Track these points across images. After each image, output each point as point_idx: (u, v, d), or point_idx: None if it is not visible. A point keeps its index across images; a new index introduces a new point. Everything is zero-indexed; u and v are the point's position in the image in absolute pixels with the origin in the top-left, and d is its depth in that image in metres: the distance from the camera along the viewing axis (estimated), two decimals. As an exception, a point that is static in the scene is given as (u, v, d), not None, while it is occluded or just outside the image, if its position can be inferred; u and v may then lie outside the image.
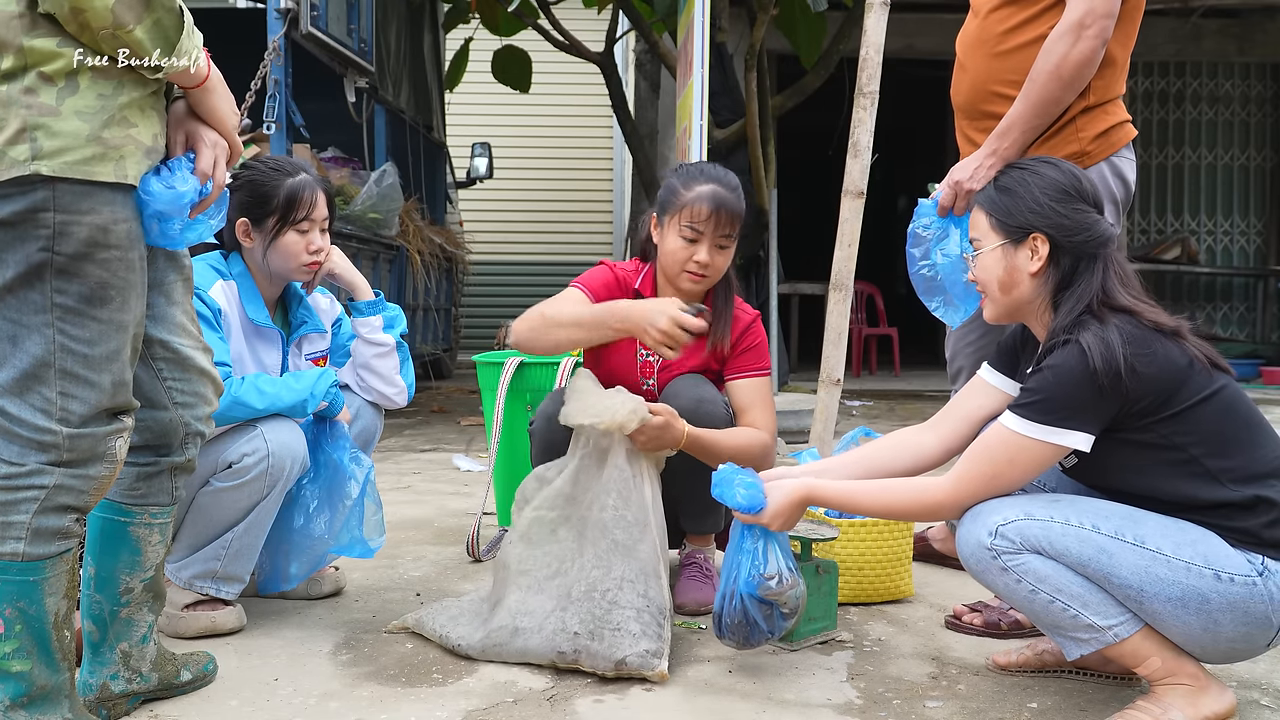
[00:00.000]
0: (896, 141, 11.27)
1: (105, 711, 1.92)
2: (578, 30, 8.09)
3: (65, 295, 1.62)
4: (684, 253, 2.48)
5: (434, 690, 2.09)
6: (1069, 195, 2.00)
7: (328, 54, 5.49)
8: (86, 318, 1.64)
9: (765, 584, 2.10)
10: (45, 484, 1.65)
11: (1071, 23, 2.31)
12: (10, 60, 1.56)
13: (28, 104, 1.55)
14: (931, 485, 1.99)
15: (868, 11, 3.24)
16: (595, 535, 2.24)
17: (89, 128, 1.59)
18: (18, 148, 1.55)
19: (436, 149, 8.57)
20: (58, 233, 1.59)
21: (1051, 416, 1.86)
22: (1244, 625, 1.82)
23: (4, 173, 1.55)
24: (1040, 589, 1.88)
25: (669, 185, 2.55)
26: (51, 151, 1.56)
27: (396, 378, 2.66)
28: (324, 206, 2.51)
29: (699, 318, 2.29)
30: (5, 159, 1.55)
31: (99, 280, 1.63)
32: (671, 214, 2.50)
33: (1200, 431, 1.87)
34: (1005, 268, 2.03)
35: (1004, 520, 1.89)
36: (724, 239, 2.49)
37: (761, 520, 2.07)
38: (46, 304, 1.62)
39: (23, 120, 1.55)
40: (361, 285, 2.62)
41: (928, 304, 2.57)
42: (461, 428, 6.01)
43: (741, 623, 2.13)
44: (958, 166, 2.46)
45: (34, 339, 1.63)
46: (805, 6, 6.91)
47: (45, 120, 1.56)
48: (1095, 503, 1.93)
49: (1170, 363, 1.86)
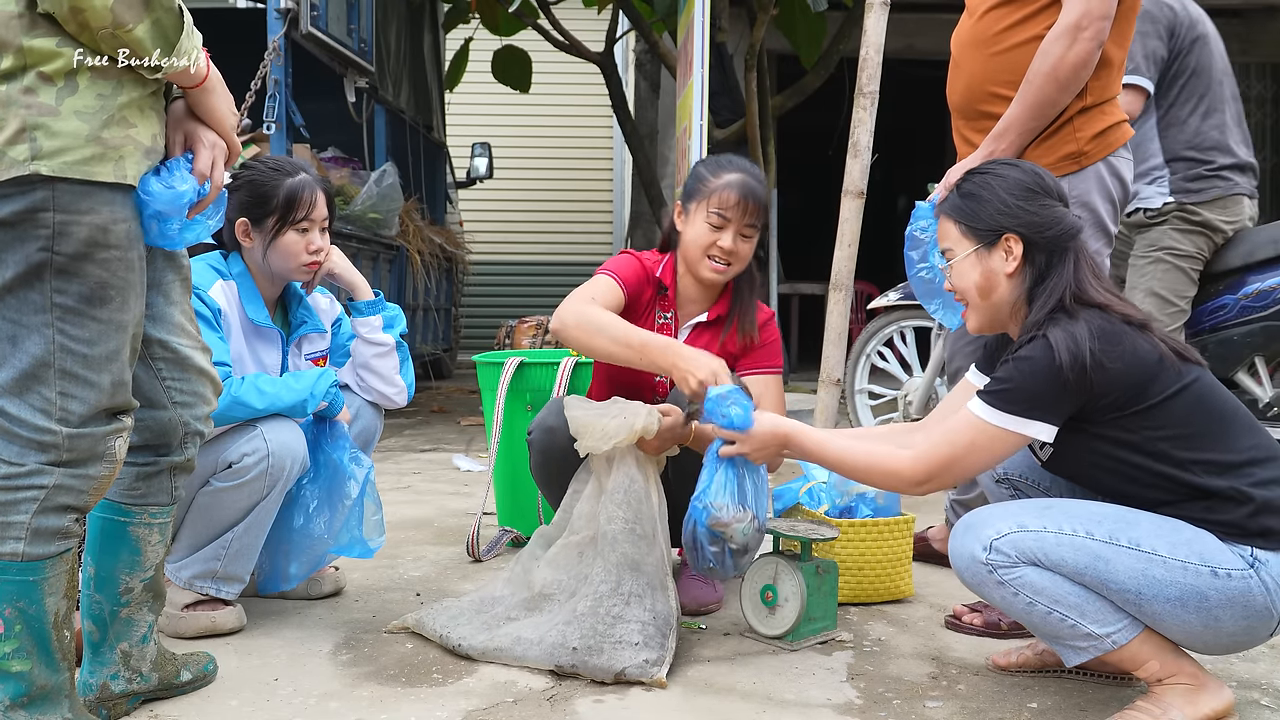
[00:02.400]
0: (896, 141, 11.27)
1: (105, 711, 1.92)
2: (578, 30, 8.09)
3: (65, 295, 1.62)
4: (709, 238, 2.50)
5: (434, 690, 2.09)
6: (1034, 192, 2.01)
7: (328, 54, 5.49)
8: (86, 318, 1.64)
9: (713, 513, 2.12)
10: (45, 484, 1.65)
11: (1068, 25, 2.31)
12: (9, 60, 1.55)
13: (27, 104, 1.55)
14: (895, 456, 2.02)
15: (868, 11, 3.24)
16: (605, 549, 2.24)
17: (88, 128, 1.59)
18: (17, 148, 1.55)
19: (436, 149, 8.57)
20: (57, 233, 1.59)
21: (1015, 406, 1.88)
22: (1244, 619, 1.83)
23: (3, 173, 1.55)
24: (1038, 600, 1.88)
25: (696, 173, 2.58)
26: (51, 151, 1.56)
27: (396, 377, 2.65)
28: (324, 206, 2.51)
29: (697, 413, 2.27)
30: (4, 159, 1.55)
31: (98, 280, 1.63)
32: (699, 200, 2.52)
33: (1172, 425, 1.87)
34: (981, 272, 2.03)
35: (997, 534, 1.90)
36: (749, 228, 2.51)
37: (741, 442, 2.10)
38: (46, 304, 1.61)
39: (22, 120, 1.55)
40: (361, 285, 2.61)
41: (926, 306, 2.57)
42: (461, 428, 6.01)
43: (691, 545, 2.17)
44: (954, 169, 2.47)
45: (33, 339, 1.63)
46: (805, 6, 6.91)
47: (45, 120, 1.56)
48: (1087, 506, 1.93)
49: (1139, 358, 1.87)
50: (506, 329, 8.37)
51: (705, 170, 2.56)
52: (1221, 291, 3.52)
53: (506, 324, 8.47)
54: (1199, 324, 3.57)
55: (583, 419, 2.31)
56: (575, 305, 2.40)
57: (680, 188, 5.13)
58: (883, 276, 11.24)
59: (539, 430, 2.54)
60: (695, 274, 2.56)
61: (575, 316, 2.38)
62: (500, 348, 7.87)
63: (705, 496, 2.14)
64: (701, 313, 2.62)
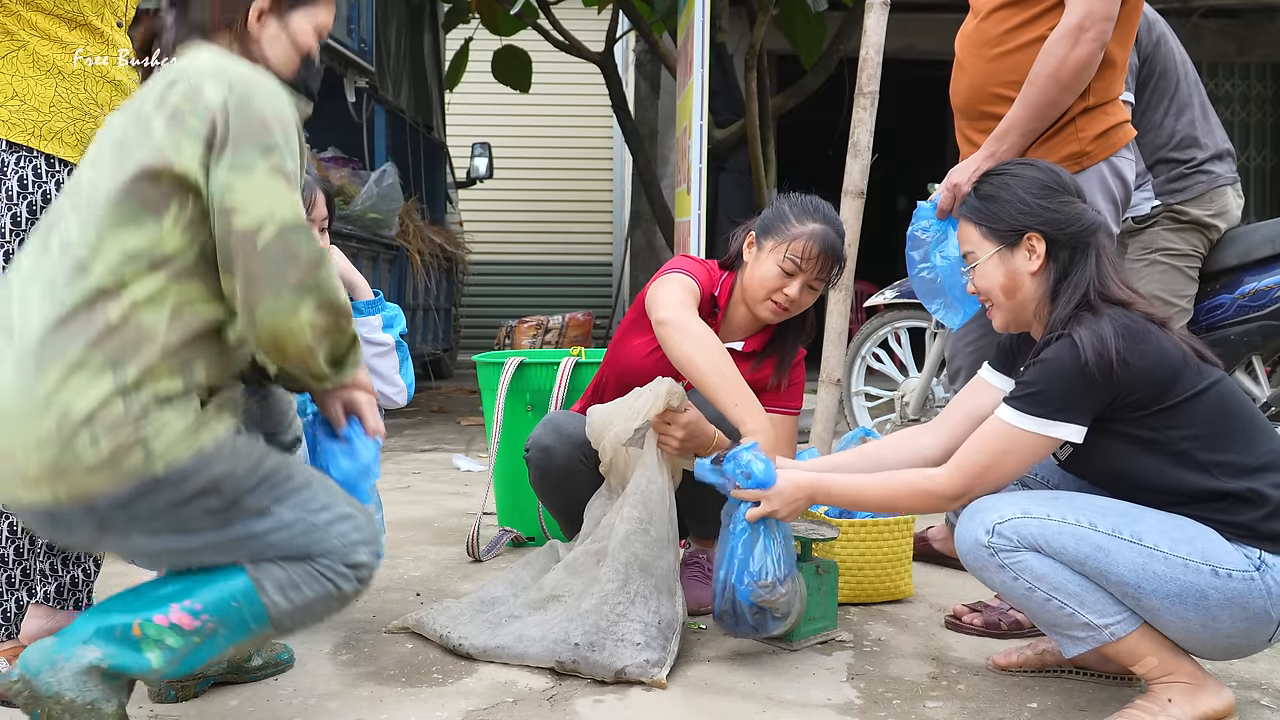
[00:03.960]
0: (896, 141, 11.27)
1: (174, 693, 1.97)
2: (578, 30, 8.08)
3: (254, 519, 1.66)
4: (776, 283, 2.42)
5: (434, 690, 2.09)
6: (1052, 190, 2.01)
7: (328, 54, 5.49)
8: (282, 511, 1.69)
9: (758, 591, 2.10)
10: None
11: (1071, 26, 2.31)
12: (134, 373, 1.57)
13: (144, 422, 1.57)
14: (930, 476, 2.00)
15: (868, 11, 3.24)
16: (617, 549, 2.23)
17: (185, 422, 1.61)
18: (132, 457, 1.55)
19: (436, 149, 8.57)
20: (190, 500, 1.61)
21: (1044, 409, 1.88)
22: (1243, 621, 1.83)
23: (124, 483, 1.56)
24: (1037, 587, 1.88)
25: (780, 211, 2.48)
26: (162, 452, 1.57)
27: (396, 377, 2.65)
28: (323, 206, 2.51)
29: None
30: (121, 468, 1.55)
31: (261, 505, 1.67)
32: (776, 240, 2.44)
33: (1194, 425, 1.87)
34: (1005, 273, 2.03)
35: (1001, 518, 1.90)
36: (819, 281, 2.45)
37: (768, 500, 2.05)
38: (248, 530, 1.66)
39: (137, 434, 1.56)
40: (360, 284, 2.61)
41: (928, 306, 2.56)
42: (461, 428, 6.01)
43: (729, 613, 2.15)
44: (956, 169, 2.47)
45: (270, 545, 1.68)
46: (805, 7, 6.90)
47: (157, 432, 1.57)
48: (1093, 499, 1.93)
49: (1164, 356, 1.87)
50: (506, 329, 8.38)
51: (790, 211, 2.46)
52: (1218, 291, 3.52)
53: (506, 324, 8.49)
54: (1195, 324, 3.57)
55: (602, 412, 2.31)
56: (685, 314, 2.34)
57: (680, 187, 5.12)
58: (882, 276, 11.25)
59: (535, 449, 2.53)
60: (752, 309, 2.49)
61: (691, 340, 2.30)
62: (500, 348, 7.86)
63: (746, 572, 2.09)
64: (739, 341, 2.54)
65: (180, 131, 1.61)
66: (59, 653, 1.60)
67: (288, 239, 1.61)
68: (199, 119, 1.61)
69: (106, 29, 2.15)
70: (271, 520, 1.67)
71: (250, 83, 1.65)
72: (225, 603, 1.66)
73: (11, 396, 1.53)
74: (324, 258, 1.64)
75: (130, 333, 1.56)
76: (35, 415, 1.52)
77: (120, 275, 1.57)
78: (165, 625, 1.63)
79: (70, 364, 1.53)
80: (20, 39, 2.04)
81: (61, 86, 2.07)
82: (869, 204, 3.47)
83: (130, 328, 1.56)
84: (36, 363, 1.53)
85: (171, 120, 1.62)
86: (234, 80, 1.64)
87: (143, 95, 1.68)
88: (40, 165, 2.06)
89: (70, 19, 2.08)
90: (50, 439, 1.52)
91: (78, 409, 1.52)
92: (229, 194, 1.59)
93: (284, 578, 1.68)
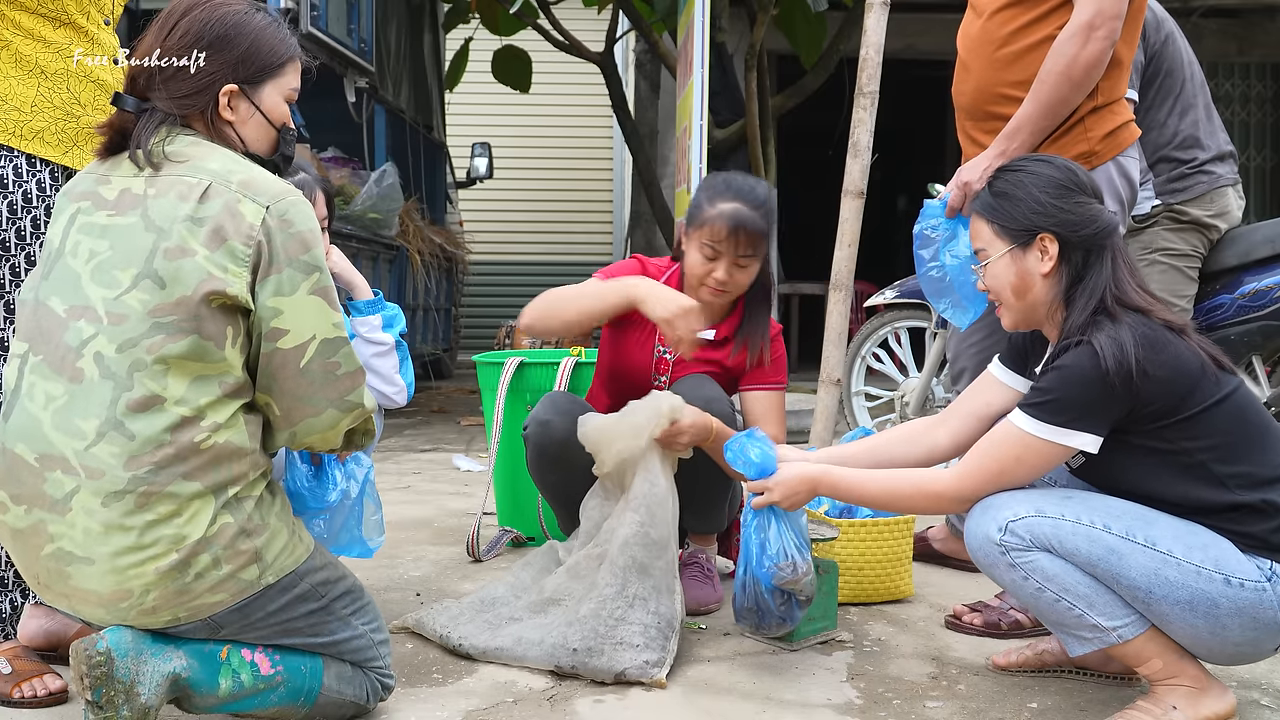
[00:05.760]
0: (896, 141, 11.27)
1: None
2: (578, 30, 8.08)
3: (340, 625, 1.83)
4: (702, 269, 2.46)
5: (434, 690, 2.08)
6: (1068, 189, 1.98)
7: (328, 54, 5.49)
8: (357, 623, 1.86)
9: (779, 573, 2.08)
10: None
11: (1081, 24, 2.31)
12: (234, 476, 1.68)
13: (255, 533, 1.69)
14: (937, 477, 1.99)
15: (868, 11, 3.24)
16: (616, 553, 2.23)
17: (287, 528, 1.76)
18: (249, 570, 1.69)
19: (436, 149, 8.57)
20: (293, 605, 1.76)
21: (1061, 417, 1.85)
22: (1252, 630, 1.82)
23: (242, 592, 1.68)
24: (1047, 587, 1.87)
25: (696, 198, 2.51)
26: (271, 561, 1.71)
27: (396, 377, 2.64)
28: (323, 206, 2.51)
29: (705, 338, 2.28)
30: (237, 580, 1.68)
31: (345, 613, 1.84)
32: (695, 228, 2.47)
33: (1211, 436, 1.85)
34: (1016, 272, 2.00)
35: (1014, 516, 1.88)
36: (743, 258, 2.45)
37: (769, 489, 2.04)
38: (334, 638, 1.83)
39: (253, 549, 1.69)
40: (360, 284, 2.61)
41: (936, 305, 2.55)
42: (461, 428, 6.01)
43: (754, 608, 2.13)
44: (966, 167, 2.45)
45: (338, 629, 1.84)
46: (805, 7, 6.90)
47: (265, 541, 1.70)
48: (1107, 501, 1.91)
49: (1183, 365, 1.84)
50: (506, 329, 8.37)
51: (703, 195, 2.49)
52: (1218, 291, 3.52)
53: (506, 324, 8.47)
54: (1195, 324, 3.57)
55: (601, 427, 2.30)
56: (535, 300, 2.43)
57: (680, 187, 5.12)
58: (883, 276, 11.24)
59: (534, 425, 2.53)
60: (696, 296, 2.49)
61: (533, 307, 2.42)
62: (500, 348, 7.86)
63: (765, 556, 2.08)
64: (709, 330, 2.51)
65: (226, 256, 1.64)
66: (150, 646, 1.64)
67: (329, 357, 1.72)
68: (245, 242, 1.65)
69: (92, 28, 2.14)
70: (349, 630, 1.83)
71: (285, 201, 1.70)
72: (297, 666, 1.78)
73: (116, 536, 1.59)
74: (361, 372, 1.77)
75: (221, 454, 1.65)
76: (148, 552, 1.59)
77: (196, 405, 1.63)
78: (248, 660, 1.72)
79: (172, 496, 1.60)
80: (3, 38, 2.03)
81: (44, 86, 2.06)
82: (869, 204, 3.47)
83: (219, 451, 1.64)
84: (134, 500, 1.59)
85: (213, 240, 1.64)
86: (270, 198, 1.69)
87: (159, 205, 1.67)
88: (21, 165, 2.05)
89: (55, 18, 2.07)
90: (172, 571, 1.60)
91: (194, 536, 1.61)
92: (277, 318, 1.67)
93: (344, 671, 1.84)
